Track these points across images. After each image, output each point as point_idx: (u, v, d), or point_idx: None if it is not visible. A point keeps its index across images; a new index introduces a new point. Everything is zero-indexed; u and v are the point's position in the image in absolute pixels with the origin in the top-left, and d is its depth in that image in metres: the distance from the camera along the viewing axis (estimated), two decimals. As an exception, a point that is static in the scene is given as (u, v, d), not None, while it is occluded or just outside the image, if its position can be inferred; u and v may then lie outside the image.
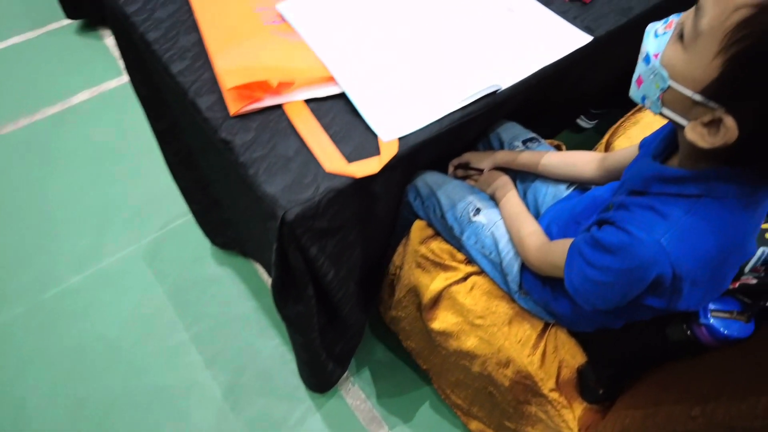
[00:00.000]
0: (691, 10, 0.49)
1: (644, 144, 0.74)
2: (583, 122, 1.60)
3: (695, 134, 0.50)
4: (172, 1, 0.89)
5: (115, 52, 2.09)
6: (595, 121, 1.60)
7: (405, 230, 1.00)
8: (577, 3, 0.92)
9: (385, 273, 1.08)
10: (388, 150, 0.68)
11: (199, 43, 0.81)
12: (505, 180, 0.93)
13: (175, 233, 1.56)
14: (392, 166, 0.69)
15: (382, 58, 0.76)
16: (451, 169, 1.00)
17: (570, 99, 1.04)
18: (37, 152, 1.77)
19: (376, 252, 0.98)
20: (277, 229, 0.65)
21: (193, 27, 0.84)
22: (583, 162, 0.91)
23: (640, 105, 1.15)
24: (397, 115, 0.70)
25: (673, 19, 0.52)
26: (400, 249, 1.03)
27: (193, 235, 1.53)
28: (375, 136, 0.70)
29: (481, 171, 0.96)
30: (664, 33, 0.52)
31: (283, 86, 0.71)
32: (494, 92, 0.76)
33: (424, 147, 0.72)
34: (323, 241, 0.71)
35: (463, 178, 1.00)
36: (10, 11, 2.26)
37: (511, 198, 0.89)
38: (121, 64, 2.04)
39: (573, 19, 0.88)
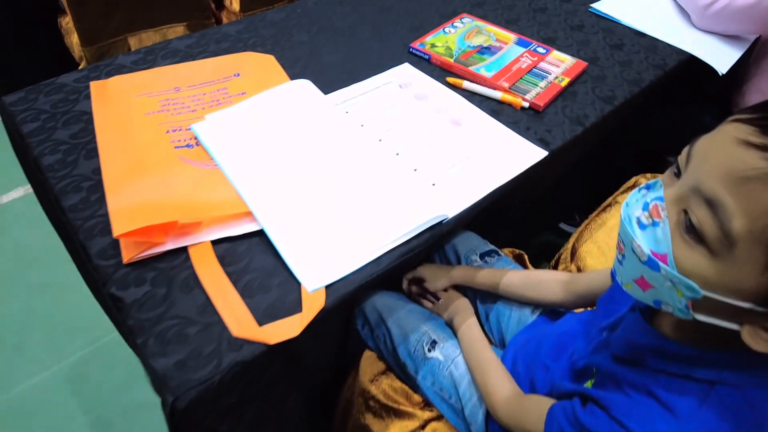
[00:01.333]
0: (697, 202, 0.38)
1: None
2: (567, 227, 1.51)
3: (756, 340, 0.38)
4: (76, 120, 0.78)
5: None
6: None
7: (355, 358, 0.86)
8: (529, 111, 0.85)
9: (336, 403, 0.94)
10: (313, 304, 0.56)
11: (98, 174, 0.70)
12: (463, 304, 0.82)
13: (103, 350, 1.38)
14: (319, 320, 0.57)
15: (310, 189, 0.66)
16: (405, 283, 0.88)
17: (529, 209, 0.95)
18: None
19: (317, 393, 0.84)
20: (168, 417, 0.51)
21: (94, 153, 0.73)
22: (547, 283, 0.80)
23: (605, 205, 1.09)
24: (325, 258, 0.59)
25: (655, 202, 0.41)
26: (349, 381, 0.88)
27: (125, 350, 1.36)
28: (298, 284, 0.58)
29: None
30: (653, 223, 0.42)
31: (190, 226, 0.60)
32: (440, 222, 0.66)
33: (359, 292, 0.61)
34: (236, 414, 0.57)
35: (419, 295, 0.89)
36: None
37: (472, 327, 0.77)
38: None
39: (525, 131, 0.81)
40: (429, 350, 0.78)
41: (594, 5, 1.17)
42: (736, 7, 1.05)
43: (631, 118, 1.00)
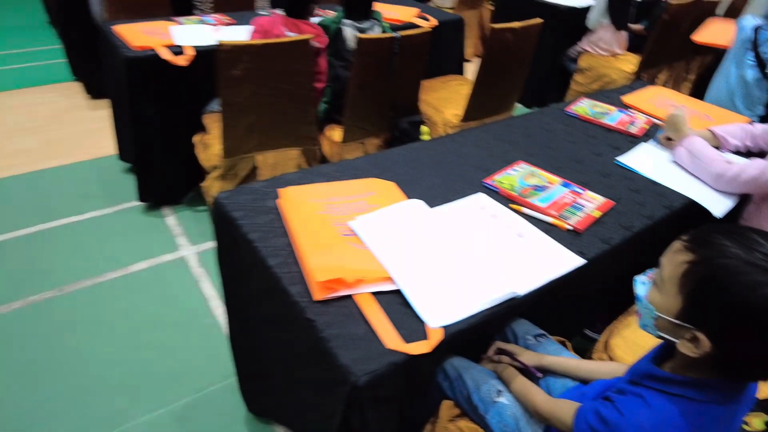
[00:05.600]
0: (660, 267, 0.76)
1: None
2: (591, 333, 1.80)
3: (685, 347, 0.71)
4: (267, 212, 1.19)
5: (174, 229, 2.44)
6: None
7: (432, 410, 1.14)
8: (571, 232, 1.22)
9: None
10: (436, 335, 0.89)
11: (289, 246, 1.08)
12: (515, 370, 1.12)
13: (208, 399, 1.67)
14: (436, 349, 0.90)
15: (429, 266, 1.02)
16: (492, 349, 1.17)
17: (572, 306, 1.28)
18: (95, 309, 1.98)
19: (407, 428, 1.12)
20: (345, 394, 0.82)
21: (284, 233, 1.12)
22: (610, 372, 1.09)
23: (630, 309, 1.40)
24: (441, 310, 0.93)
25: (650, 273, 0.79)
26: (428, 427, 1.16)
27: (226, 402, 1.65)
28: (423, 324, 0.92)
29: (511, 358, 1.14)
30: (646, 282, 0.78)
31: (356, 282, 0.96)
32: (513, 298, 1.00)
33: (460, 335, 0.93)
34: (379, 408, 0.87)
35: (503, 360, 1.18)
36: (96, 192, 2.69)
37: (520, 376, 1.07)
38: (177, 240, 2.37)
39: (569, 245, 1.17)
40: (497, 397, 1.07)
41: (618, 158, 1.58)
42: (743, 179, 1.43)
43: (645, 243, 1.35)
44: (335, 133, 2.27)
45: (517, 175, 1.41)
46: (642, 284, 0.79)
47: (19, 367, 1.75)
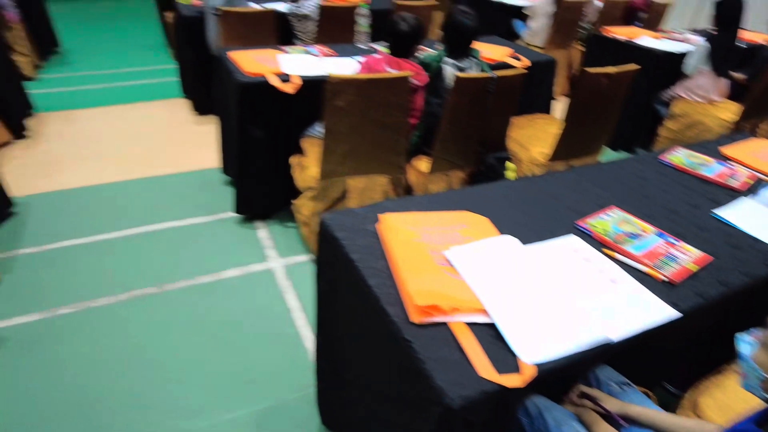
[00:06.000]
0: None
1: None
2: (669, 387, 1.73)
3: None
4: (367, 235, 1.28)
5: (265, 242, 2.61)
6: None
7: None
8: (666, 284, 1.21)
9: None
10: (529, 371, 0.92)
11: (387, 268, 1.16)
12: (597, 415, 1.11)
13: (284, 407, 1.77)
14: (528, 384, 0.93)
15: (523, 302, 1.06)
16: (577, 392, 1.18)
17: (657, 356, 1.25)
18: (188, 309, 2.16)
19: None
20: (438, 414, 0.87)
21: (382, 256, 1.20)
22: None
23: (721, 368, 1.35)
24: (534, 347, 0.97)
25: (756, 332, 0.79)
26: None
27: (301, 412, 1.74)
28: (515, 358, 0.96)
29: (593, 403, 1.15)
30: (752, 342, 0.78)
31: (451, 310, 1.01)
32: (605, 343, 1.02)
33: (550, 374, 0.96)
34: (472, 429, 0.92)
35: (586, 404, 1.18)
36: (197, 201, 2.94)
37: (603, 422, 1.07)
38: (266, 252, 2.53)
39: (663, 296, 1.16)
40: (576, 438, 1.07)
41: (717, 211, 1.55)
42: None
43: (744, 302, 1.30)
44: (422, 164, 2.36)
45: (610, 221, 1.42)
46: (747, 344, 0.79)
47: (117, 353, 1.94)
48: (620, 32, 4.04)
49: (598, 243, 1.34)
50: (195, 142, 3.66)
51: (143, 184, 3.11)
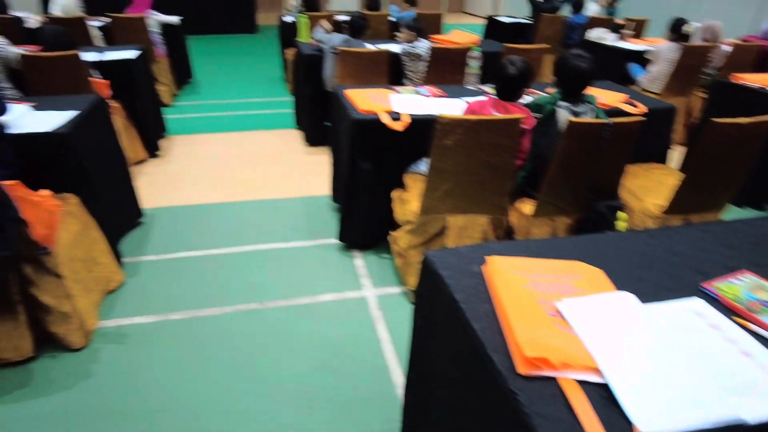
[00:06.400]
0: None
1: None
2: None
3: None
4: (472, 276, 1.27)
5: (360, 270, 2.68)
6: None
7: None
8: (812, 364, 1.06)
9: None
10: (645, 442, 0.85)
11: (492, 313, 1.14)
12: None
13: (370, 438, 1.77)
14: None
15: (641, 365, 0.99)
16: None
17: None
18: (285, 327, 2.26)
19: None
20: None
21: (487, 300, 1.18)
22: None
23: None
24: (653, 416, 0.89)
25: None
26: None
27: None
28: (630, 425, 0.89)
29: None
30: None
31: (561, 366, 0.97)
32: (738, 424, 0.91)
33: (671, 449, 0.88)
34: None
35: None
36: (302, 225, 3.11)
37: None
38: (361, 281, 2.59)
39: (809, 379, 1.02)
40: None
41: None
42: None
43: None
44: (526, 207, 2.31)
45: (742, 286, 1.29)
46: None
47: (219, 361, 2.07)
48: (752, 79, 3.73)
49: (727, 310, 1.22)
50: (304, 171, 3.88)
51: (254, 206, 3.35)
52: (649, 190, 2.53)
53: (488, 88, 3.11)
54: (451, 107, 2.64)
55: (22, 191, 1.87)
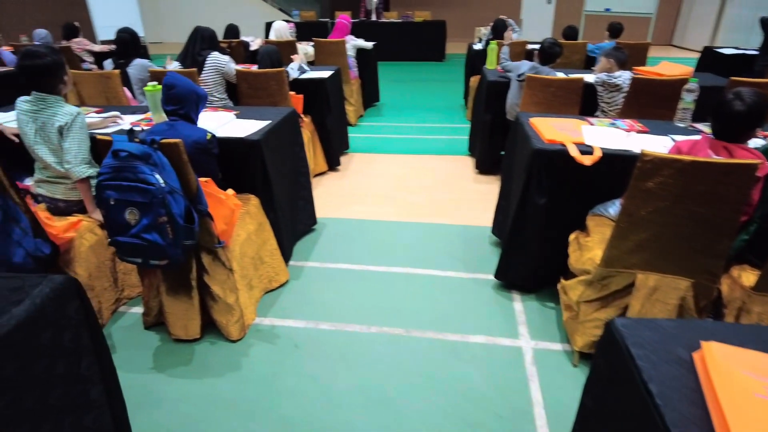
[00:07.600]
0: None
1: None
2: None
3: None
4: (676, 362, 0.96)
5: (519, 316, 2.40)
6: None
7: None
8: None
9: None
10: None
11: (702, 420, 0.83)
12: None
13: None
14: None
15: None
16: None
17: None
18: (430, 361, 2.09)
19: None
20: None
21: (698, 402, 0.86)
22: None
23: None
24: None
25: None
26: None
27: None
28: None
29: None
30: None
31: None
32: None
33: None
34: None
35: None
36: (460, 255, 2.94)
37: None
38: (519, 329, 2.31)
39: None
40: None
41: None
42: None
43: None
44: (746, 276, 1.81)
45: None
46: None
47: (358, 379, 1.99)
48: None
49: None
50: (471, 199, 3.72)
51: (415, 227, 3.28)
52: None
53: (703, 127, 2.60)
54: (654, 144, 2.23)
55: (211, 188, 2.04)
